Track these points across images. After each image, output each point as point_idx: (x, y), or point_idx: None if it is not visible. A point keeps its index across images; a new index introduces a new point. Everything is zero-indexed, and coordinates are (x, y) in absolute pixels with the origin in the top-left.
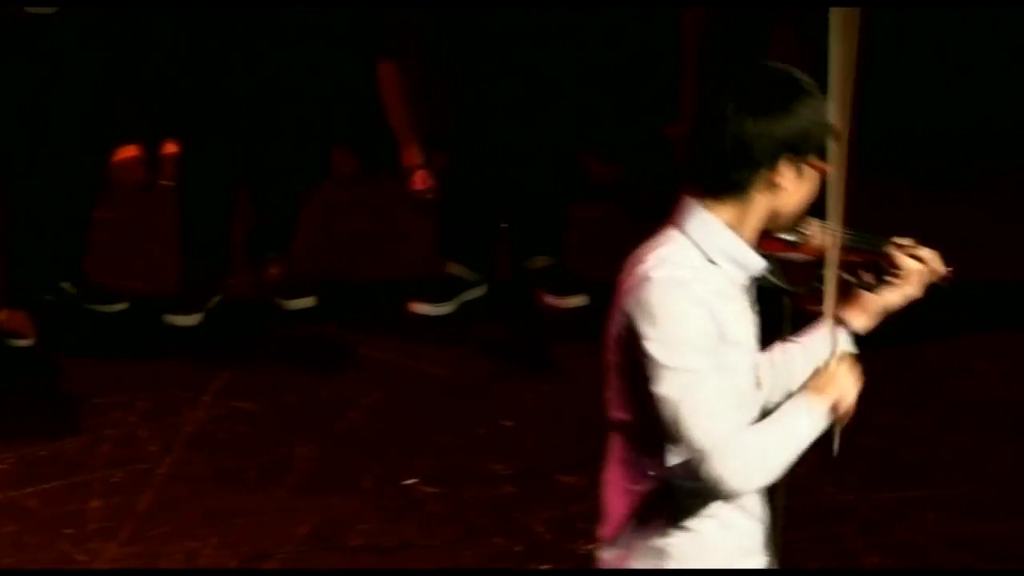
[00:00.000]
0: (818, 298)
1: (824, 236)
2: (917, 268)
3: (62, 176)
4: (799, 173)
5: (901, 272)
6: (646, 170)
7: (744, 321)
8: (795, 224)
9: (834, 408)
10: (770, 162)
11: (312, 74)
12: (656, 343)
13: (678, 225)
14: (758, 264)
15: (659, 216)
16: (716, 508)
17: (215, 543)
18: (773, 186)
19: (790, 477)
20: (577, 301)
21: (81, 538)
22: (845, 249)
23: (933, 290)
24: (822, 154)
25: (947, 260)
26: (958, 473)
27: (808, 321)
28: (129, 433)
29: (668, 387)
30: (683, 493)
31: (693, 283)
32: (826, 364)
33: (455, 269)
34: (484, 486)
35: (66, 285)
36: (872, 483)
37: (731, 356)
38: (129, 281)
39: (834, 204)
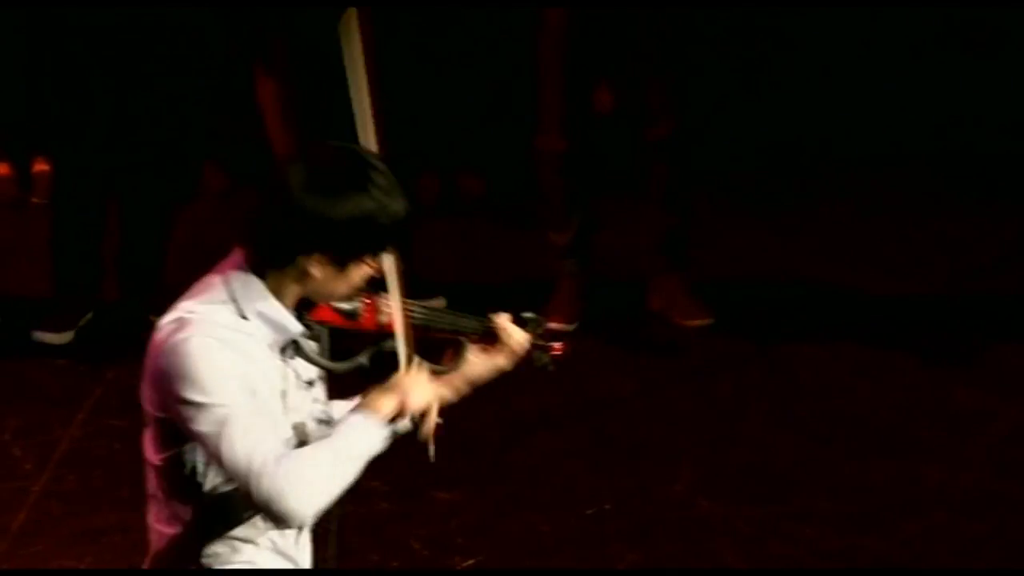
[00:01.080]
0: (364, 374)
1: (394, 312)
2: (511, 343)
3: None
4: (337, 267)
5: (496, 347)
6: (509, 182)
7: (271, 384)
8: (352, 298)
9: (400, 409)
10: (305, 251)
11: (178, 89)
12: (189, 384)
13: (222, 274)
14: (295, 328)
15: (519, 227)
16: (246, 553)
17: (90, 561)
18: (306, 273)
19: None
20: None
21: (11, 545)
22: (419, 327)
23: (543, 369)
24: (377, 250)
25: (561, 339)
26: (829, 486)
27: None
28: (3, 451)
29: (206, 423)
30: (210, 535)
31: (220, 331)
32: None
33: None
34: (359, 503)
35: None
36: (744, 497)
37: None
38: None
39: (392, 283)
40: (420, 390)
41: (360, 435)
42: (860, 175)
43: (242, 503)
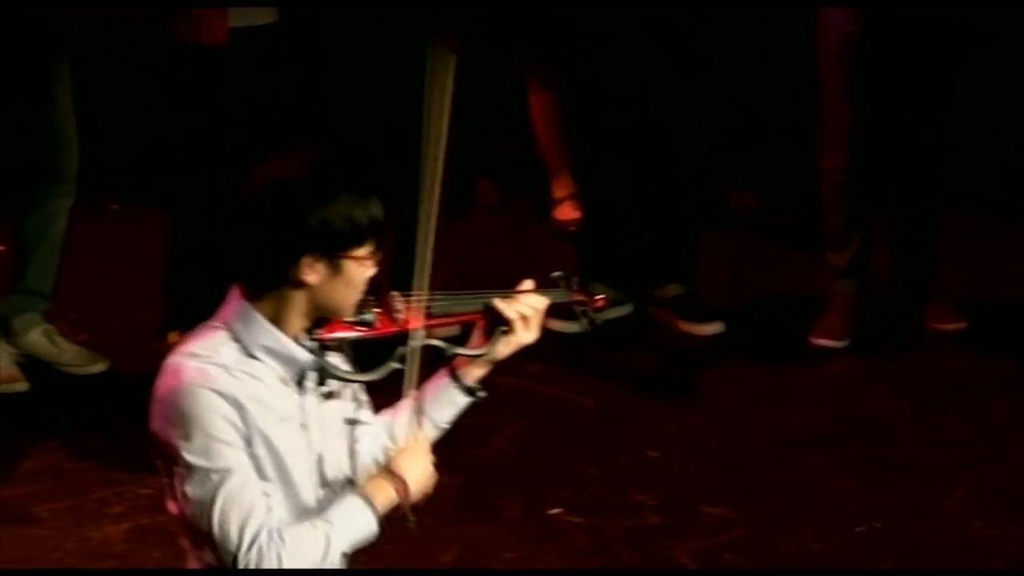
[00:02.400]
0: (398, 375)
1: (408, 308)
2: (521, 316)
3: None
4: (332, 268)
5: (511, 324)
6: (785, 199)
7: (288, 421)
8: (363, 305)
9: (401, 498)
10: (292, 259)
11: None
12: (183, 443)
13: (223, 318)
14: (302, 357)
15: (796, 244)
16: None
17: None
18: (301, 283)
19: None
20: (713, 328)
21: None
22: (439, 316)
23: (590, 325)
24: (362, 244)
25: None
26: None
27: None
28: None
29: (198, 487)
30: None
31: (220, 381)
32: (390, 458)
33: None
34: (628, 516)
35: None
36: (1019, 518)
37: (260, 456)
38: None
39: (420, 273)
40: (419, 471)
41: (357, 524)
42: None
43: None
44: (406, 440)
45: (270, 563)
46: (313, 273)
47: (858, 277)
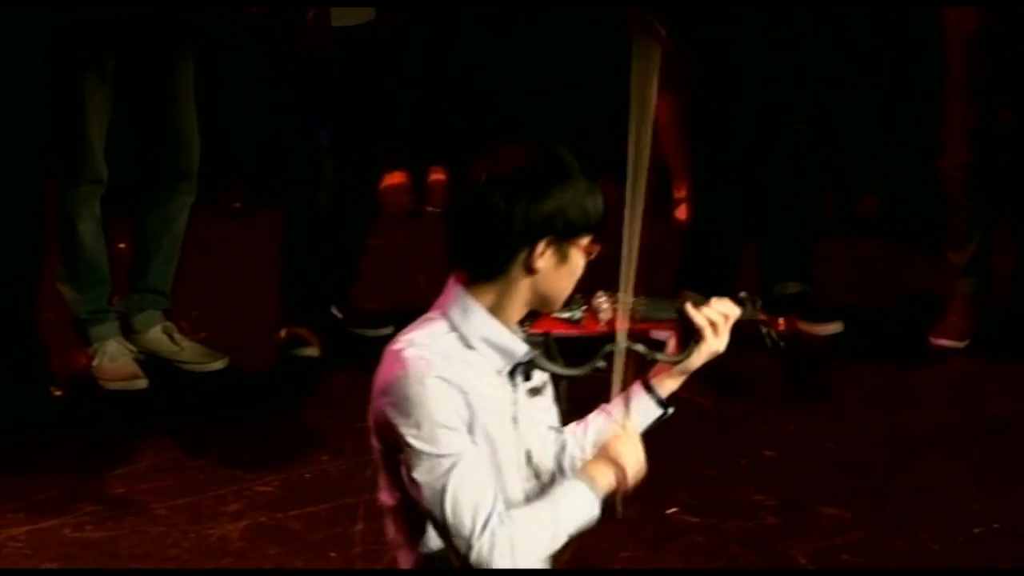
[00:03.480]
0: (604, 376)
1: (613, 309)
2: (710, 322)
3: (335, 202)
4: (560, 255)
5: (700, 331)
6: (909, 202)
7: (501, 413)
8: (571, 302)
9: (619, 482)
10: (527, 244)
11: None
12: (411, 430)
13: (441, 308)
14: (520, 350)
15: (918, 246)
16: None
17: None
18: (532, 269)
19: None
20: (833, 328)
21: (345, 561)
22: (639, 320)
23: (774, 347)
24: (588, 233)
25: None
26: None
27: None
28: None
29: (427, 473)
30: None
31: (443, 368)
32: (606, 444)
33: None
34: (746, 517)
35: (334, 310)
36: None
37: (479, 444)
38: (396, 306)
39: (625, 274)
40: (635, 456)
41: (583, 507)
42: None
43: None
44: (617, 427)
45: (503, 546)
46: (543, 259)
47: (978, 276)
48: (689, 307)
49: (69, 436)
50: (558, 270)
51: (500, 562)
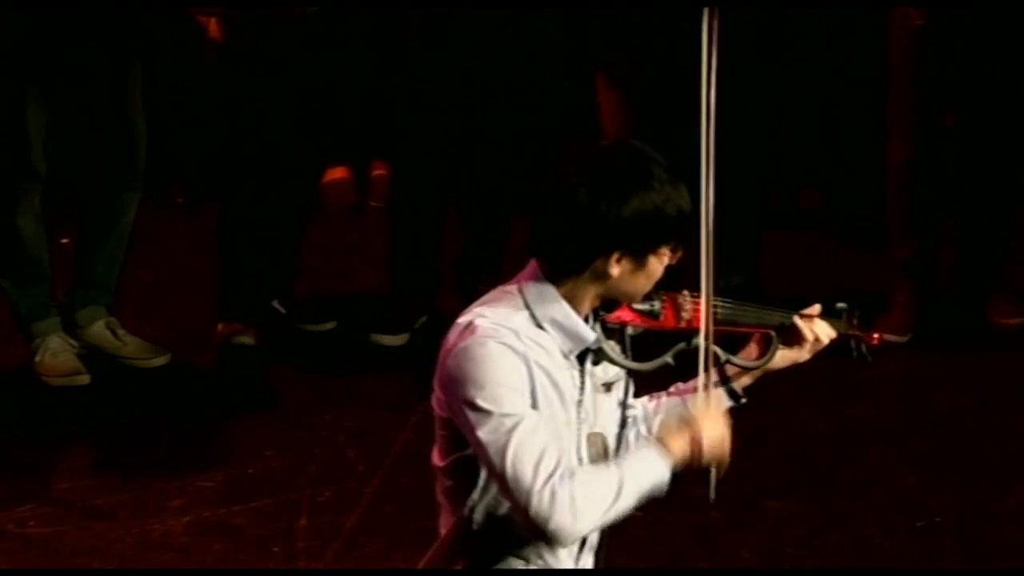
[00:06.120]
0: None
1: (695, 308)
2: (815, 338)
3: (274, 197)
4: (636, 263)
5: (801, 342)
6: (852, 196)
7: (563, 394)
8: (652, 296)
9: (694, 455)
10: (604, 251)
11: (528, 95)
12: (475, 390)
13: (519, 284)
14: (589, 336)
15: (860, 240)
16: (522, 554)
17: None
18: (607, 275)
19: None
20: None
21: (289, 557)
22: (720, 321)
23: (861, 360)
24: (667, 243)
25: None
26: None
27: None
28: (338, 452)
29: (491, 432)
30: (482, 546)
31: (511, 339)
32: (690, 417)
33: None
34: (690, 510)
35: (276, 304)
36: None
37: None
38: (338, 301)
39: (707, 274)
40: (716, 433)
41: (650, 470)
42: None
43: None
44: (703, 405)
45: (563, 501)
46: (618, 267)
47: (921, 272)
48: (798, 320)
49: (11, 432)
50: (634, 276)
51: (559, 517)
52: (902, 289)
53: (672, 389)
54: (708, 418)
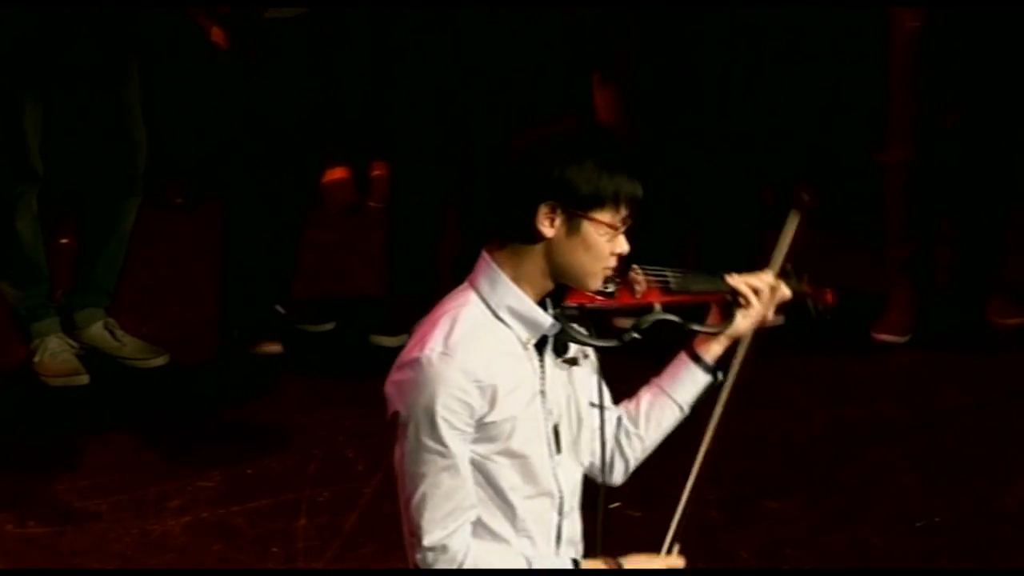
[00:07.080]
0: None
1: (648, 282)
2: (753, 289)
3: (273, 197)
4: (570, 225)
5: (745, 300)
6: (852, 195)
7: (526, 389)
8: (607, 282)
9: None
10: (529, 205)
11: (527, 94)
12: (411, 413)
13: (472, 280)
14: (545, 321)
15: (860, 240)
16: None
17: None
18: (540, 233)
19: None
20: (775, 321)
21: (288, 557)
22: (676, 292)
23: (818, 318)
24: (602, 209)
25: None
26: None
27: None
28: (337, 452)
29: (414, 463)
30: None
31: (464, 355)
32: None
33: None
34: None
35: (276, 305)
36: None
37: (497, 424)
38: (337, 302)
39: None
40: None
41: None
42: None
43: (501, 513)
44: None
45: (448, 564)
46: (550, 225)
47: (920, 272)
48: (732, 276)
49: (10, 432)
50: (570, 241)
51: (443, 567)
52: (901, 289)
53: (654, 387)
54: (640, 562)
